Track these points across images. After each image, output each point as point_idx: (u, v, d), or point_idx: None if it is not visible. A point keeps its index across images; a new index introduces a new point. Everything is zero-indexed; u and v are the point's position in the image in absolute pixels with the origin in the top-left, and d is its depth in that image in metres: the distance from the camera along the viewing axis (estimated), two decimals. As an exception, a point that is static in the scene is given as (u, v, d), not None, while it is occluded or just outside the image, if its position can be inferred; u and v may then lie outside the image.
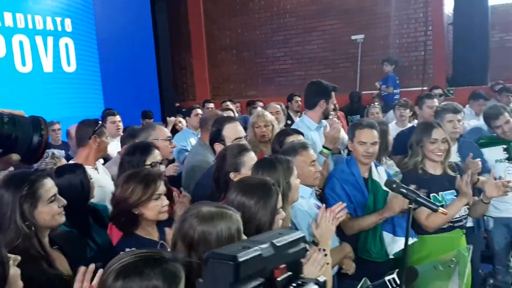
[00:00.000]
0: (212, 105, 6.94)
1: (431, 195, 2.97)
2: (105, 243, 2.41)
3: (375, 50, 9.28)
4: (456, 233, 3.06)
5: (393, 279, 2.23)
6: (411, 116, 5.63)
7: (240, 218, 1.62)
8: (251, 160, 2.57)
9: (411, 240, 2.76)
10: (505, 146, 3.90)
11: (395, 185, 2.52)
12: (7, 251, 1.37)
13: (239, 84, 10.85)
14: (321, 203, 2.68)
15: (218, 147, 3.02)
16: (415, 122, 5.09)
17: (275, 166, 2.33)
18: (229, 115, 4.15)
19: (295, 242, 1.00)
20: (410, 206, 2.40)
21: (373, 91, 8.60)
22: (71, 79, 8.18)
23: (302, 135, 3.30)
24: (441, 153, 3.06)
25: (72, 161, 3.16)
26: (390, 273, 2.27)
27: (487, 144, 3.96)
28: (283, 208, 2.09)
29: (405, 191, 2.45)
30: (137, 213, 2.15)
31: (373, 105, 6.48)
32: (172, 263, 1.28)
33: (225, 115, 3.93)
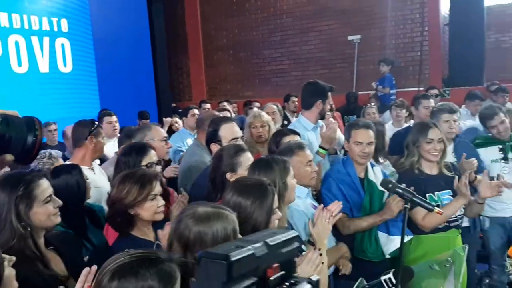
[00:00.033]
0: (208, 106, 6.91)
1: (427, 195, 2.98)
2: (101, 244, 2.40)
3: (371, 50, 9.28)
4: (452, 233, 3.07)
5: (389, 278, 2.24)
6: (407, 117, 5.65)
7: (236, 219, 1.63)
8: (248, 160, 2.57)
9: (406, 238, 2.77)
10: (501, 146, 3.91)
11: (391, 185, 2.54)
12: (2, 251, 1.37)
13: (236, 85, 10.84)
14: (318, 203, 2.69)
15: (214, 147, 3.02)
16: (411, 122, 5.10)
17: (272, 167, 2.33)
18: (225, 116, 4.16)
19: (289, 242, 1.00)
20: (405, 206, 2.42)
21: (369, 91, 8.61)
22: (67, 79, 8.16)
23: (299, 135, 3.31)
24: (437, 153, 3.07)
25: (68, 162, 3.15)
26: (386, 272, 2.27)
27: (483, 144, 3.97)
28: (280, 208, 2.09)
29: (401, 191, 2.47)
30: (132, 213, 2.15)
31: (369, 105, 6.50)
32: (167, 263, 1.28)
33: (222, 116, 3.93)
